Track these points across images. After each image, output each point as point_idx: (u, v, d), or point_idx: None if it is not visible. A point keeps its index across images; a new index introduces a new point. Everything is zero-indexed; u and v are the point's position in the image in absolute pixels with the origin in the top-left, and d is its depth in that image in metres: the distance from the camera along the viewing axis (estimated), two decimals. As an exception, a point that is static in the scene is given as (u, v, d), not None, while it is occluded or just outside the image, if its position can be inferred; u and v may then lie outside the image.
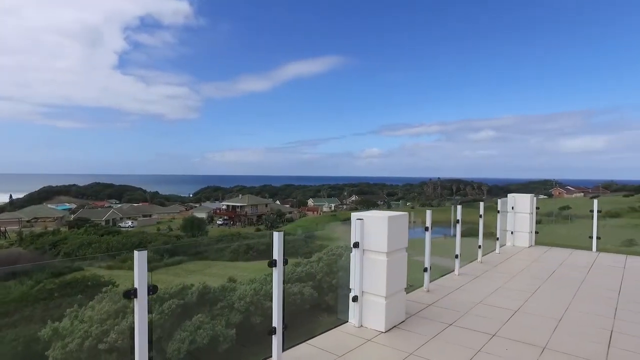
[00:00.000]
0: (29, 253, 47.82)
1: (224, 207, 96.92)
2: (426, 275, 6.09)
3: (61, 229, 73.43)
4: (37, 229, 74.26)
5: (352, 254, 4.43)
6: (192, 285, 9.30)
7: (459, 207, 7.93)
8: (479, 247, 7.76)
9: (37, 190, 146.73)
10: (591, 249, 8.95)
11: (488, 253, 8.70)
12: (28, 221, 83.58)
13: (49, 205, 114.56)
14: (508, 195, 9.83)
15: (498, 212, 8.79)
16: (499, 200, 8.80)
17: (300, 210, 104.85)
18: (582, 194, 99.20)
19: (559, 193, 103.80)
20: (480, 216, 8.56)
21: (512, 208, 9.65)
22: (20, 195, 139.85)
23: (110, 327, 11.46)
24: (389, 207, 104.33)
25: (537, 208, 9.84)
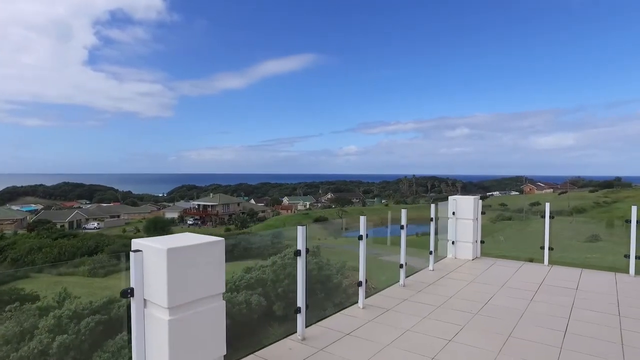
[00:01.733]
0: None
1: (195, 206, 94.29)
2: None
3: (19, 231, 69.88)
4: (-6, 232, 70.34)
5: (132, 311, 2.75)
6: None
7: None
8: (401, 266, 6.37)
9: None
10: (544, 261, 7.72)
11: (420, 270, 7.36)
12: (-16, 224, 79.29)
13: (13, 207, 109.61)
14: (449, 197, 8.51)
15: (432, 220, 7.43)
16: (432, 206, 7.43)
17: (274, 209, 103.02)
18: (552, 190, 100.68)
19: (530, 189, 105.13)
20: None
21: (453, 213, 8.32)
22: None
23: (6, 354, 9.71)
24: (364, 205, 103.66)
25: (483, 213, 8.55)
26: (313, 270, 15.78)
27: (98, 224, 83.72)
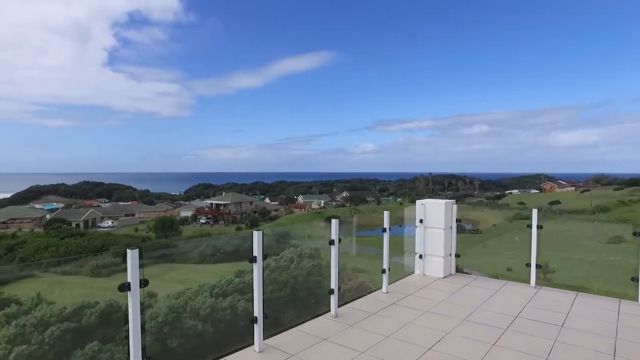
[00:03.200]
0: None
1: (208, 205, 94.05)
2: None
3: (35, 230, 70.81)
4: (11, 230, 71.59)
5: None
6: (97, 302, 8.09)
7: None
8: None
9: (24, 190, 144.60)
10: (530, 281, 6.19)
11: (372, 292, 5.94)
12: (4, 222, 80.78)
13: (36, 205, 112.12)
14: (417, 202, 7.03)
15: (384, 230, 5.97)
16: (385, 213, 5.96)
17: (287, 208, 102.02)
18: (573, 188, 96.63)
19: (550, 187, 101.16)
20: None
21: (421, 221, 6.85)
22: (8, 195, 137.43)
23: None
24: (379, 203, 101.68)
25: (459, 221, 7.03)
26: (299, 277, 14.61)
27: (112, 222, 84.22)
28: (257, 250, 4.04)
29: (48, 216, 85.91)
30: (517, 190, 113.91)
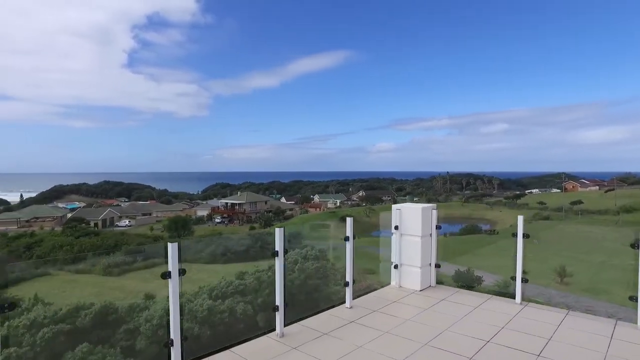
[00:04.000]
0: (4, 256, 46.08)
1: (223, 204, 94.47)
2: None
3: (56, 228, 72.28)
4: (34, 229, 73.35)
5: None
6: (92, 304, 8.02)
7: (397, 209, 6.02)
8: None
9: (48, 189, 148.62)
10: (516, 297, 5.47)
11: (333, 307, 5.32)
12: (27, 221, 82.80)
13: (60, 205, 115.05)
14: (392, 206, 6.37)
15: (347, 239, 5.34)
16: (348, 220, 5.32)
17: (303, 207, 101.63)
18: (597, 187, 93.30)
19: (573, 187, 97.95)
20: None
21: (397, 228, 6.19)
22: (33, 195, 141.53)
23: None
24: (394, 203, 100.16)
25: (438, 227, 6.33)
26: (296, 280, 14.12)
27: (129, 221, 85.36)
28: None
29: (69, 215, 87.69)
30: (537, 190, 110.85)
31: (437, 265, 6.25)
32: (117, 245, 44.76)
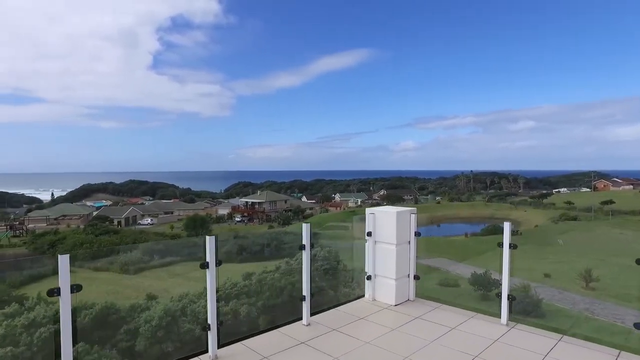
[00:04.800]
0: (30, 253, 47.41)
1: (243, 204, 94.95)
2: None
3: (81, 226, 74.12)
4: (61, 226, 75.59)
5: None
6: (94, 304, 7.97)
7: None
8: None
9: (77, 188, 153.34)
10: (501, 317, 4.68)
11: (291, 322, 4.65)
12: (55, 219, 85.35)
13: (88, 203, 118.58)
14: (366, 210, 5.64)
15: (302, 247, 4.66)
16: (304, 226, 4.65)
17: (323, 206, 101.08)
18: (631, 186, 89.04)
19: (604, 186, 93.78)
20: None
21: (370, 234, 5.47)
22: (63, 193, 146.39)
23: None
24: (416, 202, 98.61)
25: (418, 234, 5.55)
26: (297, 283, 13.53)
27: (152, 220, 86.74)
28: (305, 240, 4.68)
29: (95, 213, 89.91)
30: (565, 189, 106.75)
31: (416, 277, 5.49)
32: (135, 243, 45.38)
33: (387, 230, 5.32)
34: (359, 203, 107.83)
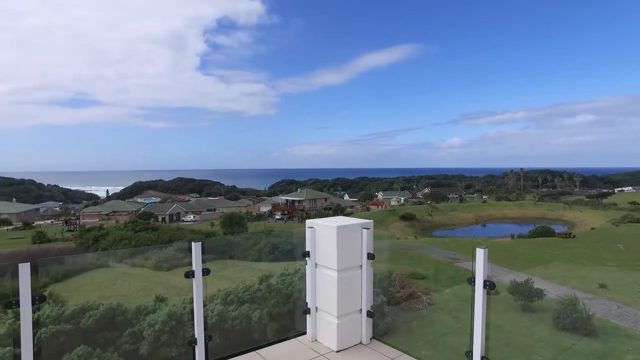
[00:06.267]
0: (75, 247, 49.47)
1: (283, 201, 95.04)
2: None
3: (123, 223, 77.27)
4: (112, 222, 79.14)
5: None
6: (100, 304, 7.61)
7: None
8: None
9: (129, 185, 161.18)
10: None
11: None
12: (107, 215, 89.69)
13: (139, 199, 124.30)
14: (306, 222, 4.29)
15: (191, 276, 3.49)
16: (194, 245, 3.53)
17: (364, 204, 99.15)
18: None
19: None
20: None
21: (307, 255, 4.14)
22: (117, 190, 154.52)
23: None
24: (461, 201, 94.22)
25: (371, 257, 4.13)
26: (303, 291, 12.42)
27: (194, 216, 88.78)
28: (310, 245, 4.14)
29: (142, 209, 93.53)
30: (630, 188, 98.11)
31: (371, 314, 4.08)
32: (172, 240, 46.05)
33: (327, 250, 3.97)
34: (402, 201, 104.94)
